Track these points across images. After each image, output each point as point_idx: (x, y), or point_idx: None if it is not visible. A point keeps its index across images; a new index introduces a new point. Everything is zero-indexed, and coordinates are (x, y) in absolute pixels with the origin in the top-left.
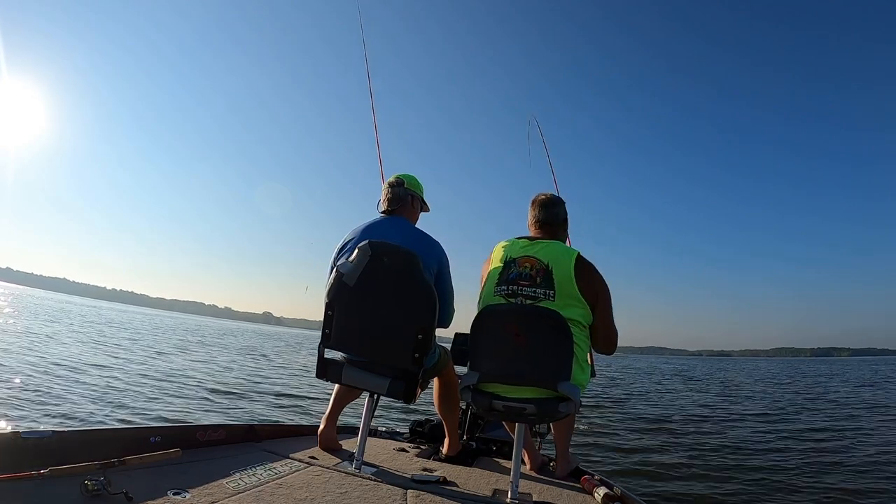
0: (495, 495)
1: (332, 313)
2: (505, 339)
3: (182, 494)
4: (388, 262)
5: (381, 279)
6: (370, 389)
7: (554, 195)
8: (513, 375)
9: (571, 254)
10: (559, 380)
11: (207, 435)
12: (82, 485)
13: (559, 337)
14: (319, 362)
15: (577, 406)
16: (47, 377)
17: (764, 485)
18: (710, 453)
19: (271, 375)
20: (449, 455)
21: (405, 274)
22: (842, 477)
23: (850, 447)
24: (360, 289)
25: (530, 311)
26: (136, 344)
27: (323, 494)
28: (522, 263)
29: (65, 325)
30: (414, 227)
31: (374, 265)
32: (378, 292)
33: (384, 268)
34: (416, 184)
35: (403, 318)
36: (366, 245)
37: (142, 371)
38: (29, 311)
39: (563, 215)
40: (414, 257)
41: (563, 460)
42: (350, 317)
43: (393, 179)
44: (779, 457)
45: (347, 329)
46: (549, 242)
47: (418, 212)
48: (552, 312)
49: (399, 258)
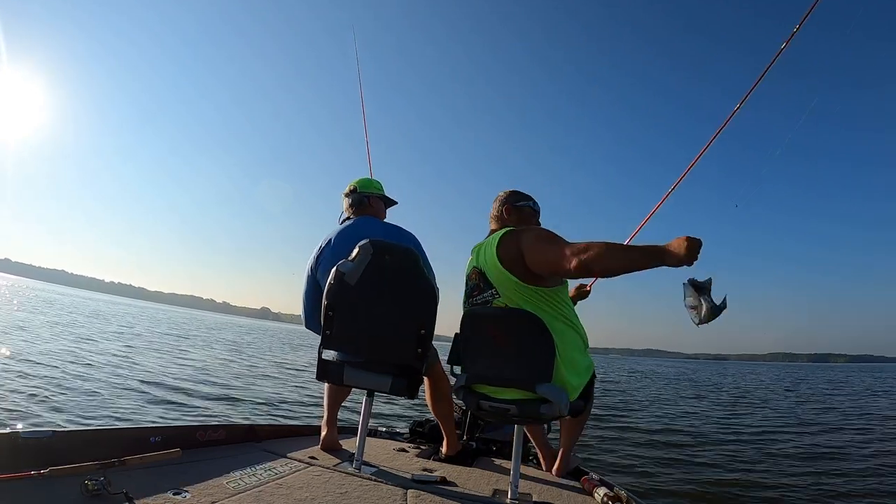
0: (495, 495)
1: (332, 314)
2: (486, 342)
3: (182, 494)
4: (389, 259)
5: (382, 276)
6: (373, 388)
7: (507, 192)
8: (495, 377)
9: (496, 238)
10: (537, 381)
11: (207, 435)
12: (82, 485)
13: (537, 338)
14: (319, 364)
15: (563, 409)
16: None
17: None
18: (714, 455)
19: (221, 374)
20: (449, 455)
21: (406, 270)
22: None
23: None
24: (362, 287)
25: (503, 314)
26: (103, 336)
27: (323, 494)
28: (470, 277)
29: (48, 317)
30: (386, 223)
31: (376, 263)
32: (381, 290)
33: (386, 265)
34: (367, 184)
35: (406, 314)
36: (367, 243)
37: (81, 365)
38: (14, 303)
39: (501, 206)
40: (413, 253)
41: (562, 460)
42: (352, 316)
43: (346, 190)
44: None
45: (349, 328)
46: (487, 240)
47: (383, 209)
48: (525, 313)
49: (400, 255)
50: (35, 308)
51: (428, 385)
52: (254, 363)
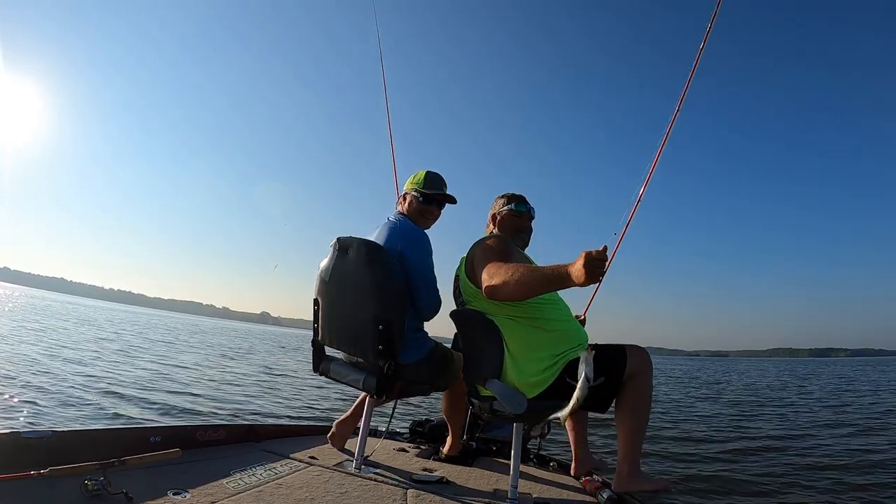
0: (495, 495)
1: (317, 308)
2: (464, 340)
3: (182, 494)
4: (350, 254)
5: (345, 272)
6: (348, 384)
7: (499, 196)
8: (467, 376)
9: (471, 248)
10: (488, 377)
11: (207, 435)
12: (82, 485)
13: (485, 335)
14: (315, 357)
15: (515, 407)
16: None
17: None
18: (724, 458)
19: (184, 378)
20: (449, 455)
21: (366, 265)
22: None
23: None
24: (333, 283)
25: (455, 315)
26: (77, 344)
27: (323, 494)
28: (454, 281)
29: (32, 324)
30: (400, 222)
31: (339, 259)
32: (344, 285)
33: (347, 261)
34: (409, 181)
35: (365, 308)
36: (335, 241)
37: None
38: (6, 311)
39: (492, 212)
40: (375, 248)
41: (576, 462)
42: (328, 311)
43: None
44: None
45: (329, 324)
46: (471, 248)
47: (413, 206)
48: (474, 313)
49: (360, 250)
50: (23, 317)
51: (450, 392)
52: (230, 365)
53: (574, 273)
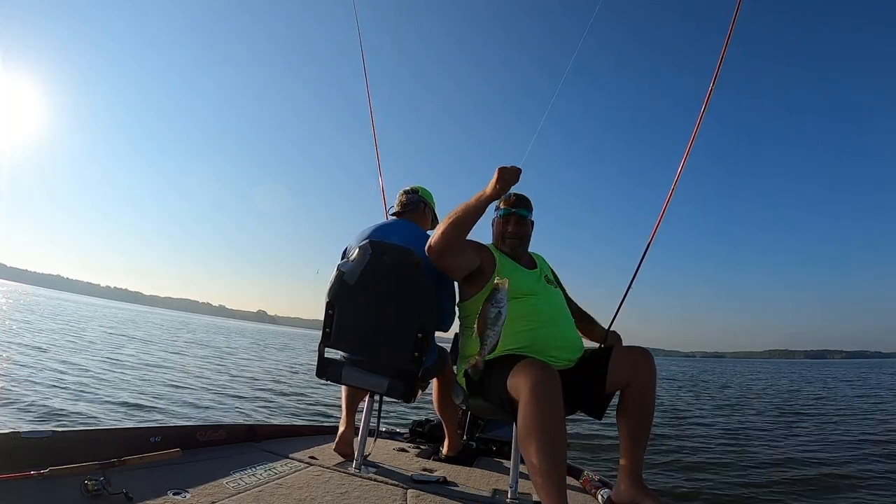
0: (495, 495)
1: (332, 312)
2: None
3: (182, 494)
4: (387, 259)
5: (380, 277)
6: (370, 389)
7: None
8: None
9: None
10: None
11: (207, 435)
12: (82, 485)
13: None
14: (320, 362)
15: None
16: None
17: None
18: (726, 458)
19: (184, 378)
20: (449, 455)
21: (404, 272)
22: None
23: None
24: (361, 287)
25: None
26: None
27: (323, 494)
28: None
29: (17, 320)
30: (418, 229)
31: (374, 263)
32: (378, 290)
33: (384, 266)
34: (429, 195)
35: (403, 316)
36: (366, 244)
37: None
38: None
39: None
40: (413, 255)
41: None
42: (350, 315)
43: (408, 188)
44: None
45: (348, 328)
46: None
47: (429, 220)
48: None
49: (398, 257)
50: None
51: (437, 385)
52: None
53: (489, 187)
